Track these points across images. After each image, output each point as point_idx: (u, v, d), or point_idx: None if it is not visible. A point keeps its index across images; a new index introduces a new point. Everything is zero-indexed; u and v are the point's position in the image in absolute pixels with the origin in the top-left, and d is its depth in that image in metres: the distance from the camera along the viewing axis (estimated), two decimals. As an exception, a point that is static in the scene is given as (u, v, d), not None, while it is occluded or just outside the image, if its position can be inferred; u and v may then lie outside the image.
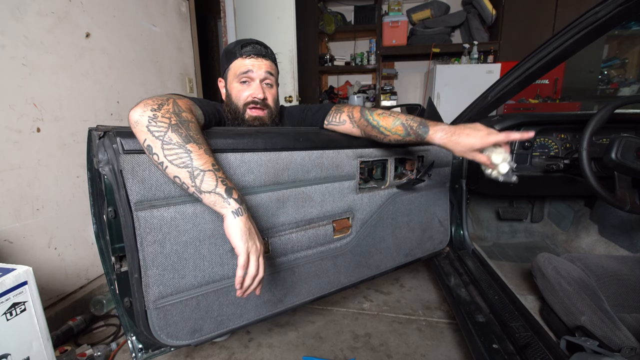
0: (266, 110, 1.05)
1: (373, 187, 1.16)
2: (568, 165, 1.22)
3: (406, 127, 0.90)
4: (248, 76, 1.02)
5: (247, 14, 2.64)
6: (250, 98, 1.02)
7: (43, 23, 1.32)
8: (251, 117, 1.03)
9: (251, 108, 1.03)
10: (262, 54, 1.03)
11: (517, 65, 1.03)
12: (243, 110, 1.03)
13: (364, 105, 1.03)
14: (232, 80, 1.04)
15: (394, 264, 1.28)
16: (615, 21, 0.75)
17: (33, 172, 1.31)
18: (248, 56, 1.01)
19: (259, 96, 1.02)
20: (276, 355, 1.24)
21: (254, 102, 1.02)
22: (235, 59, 1.03)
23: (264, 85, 1.03)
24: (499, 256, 1.60)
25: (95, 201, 0.88)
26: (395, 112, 0.94)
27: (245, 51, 1.01)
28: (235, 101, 1.04)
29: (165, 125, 0.67)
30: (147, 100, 0.70)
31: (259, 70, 1.01)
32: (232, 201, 0.67)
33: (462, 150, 0.83)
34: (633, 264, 1.05)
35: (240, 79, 1.03)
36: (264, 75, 1.03)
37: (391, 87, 3.81)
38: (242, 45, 1.02)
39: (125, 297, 0.80)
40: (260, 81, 1.02)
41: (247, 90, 1.03)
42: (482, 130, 0.81)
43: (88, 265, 1.56)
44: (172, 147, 0.66)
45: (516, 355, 0.90)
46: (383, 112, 0.95)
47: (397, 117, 0.92)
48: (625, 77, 3.15)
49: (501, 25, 3.18)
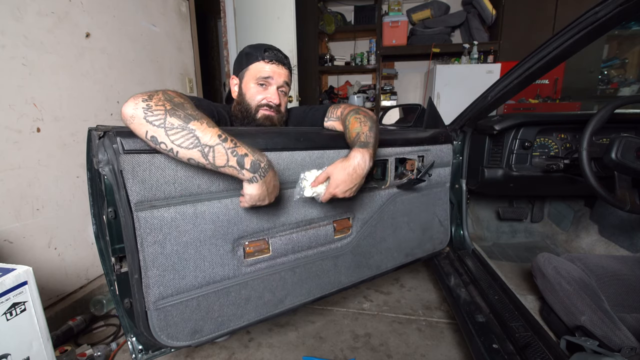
0: (278, 114, 1.10)
1: (373, 187, 1.16)
2: (568, 165, 1.22)
3: (356, 136, 0.92)
4: (267, 81, 1.06)
5: (247, 14, 2.63)
6: (266, 101, 1.06)
7: (43, 23, 1.32)
8: (263, 116, 1.07)
9: (264, 109, 1.07)
10: (283, 62, 1.08)
11: (517, 65, 1.03)
12: (255, 110, 1.07)
13: (361, 106, 1.03)
14: (250, 80, 1.07)
15: (395, 264, 1.28)
16: (615, 21, 0.75)
17: (33, 172, 1.31)
18: (270, 61, 1.05)
19: (274, 101, 1.06)
20: (276, 355, 1.24)
21: (268, 105, 1.07)
22: (256, 61, 1.06)
23: (279, 92, 1.08)
24: (499, 256, 1.60)
25: (95, 201, 0.88)
26: (368, 120, 0.94)
27: (267, 56, 1.05)
28: (249, 101, 1.07)
29: (162, 112, 0.65)
30: (136, 95, 0.68)
31: (278, 78, 1.06)
32: (245, 172, 0.70)
33: (334, 173, 0.87)
34: (633, 264, 1.05)
35: (258, 82, 1.06)
36: (281, 83, 1.07)
37: (391, 87, 3.81)
38: (264, 50, 1.06)
39: (126, 297, 0.80)
40: (277, 87, 1.07)
41: (263, 94, 1.07)
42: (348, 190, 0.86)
43: (88, 265, 1.56)
44: (176, 131, 0.64)
45: (516, 355, 0.90)
46: (358, 117, 0.95)
47: (362, 125, 0.93)
48: (625, 77, 3.15)
49: (501, 25, 3.19)
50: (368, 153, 0.85)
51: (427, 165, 1.23)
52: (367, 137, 0.89)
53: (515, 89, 1.10)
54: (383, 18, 3.45)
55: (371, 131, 0.91)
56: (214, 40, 3.59)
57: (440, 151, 1.32)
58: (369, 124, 0.93)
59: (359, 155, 0.84)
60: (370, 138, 0.89)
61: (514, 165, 1.33)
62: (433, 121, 1.41)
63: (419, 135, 1.27)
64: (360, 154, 0.84)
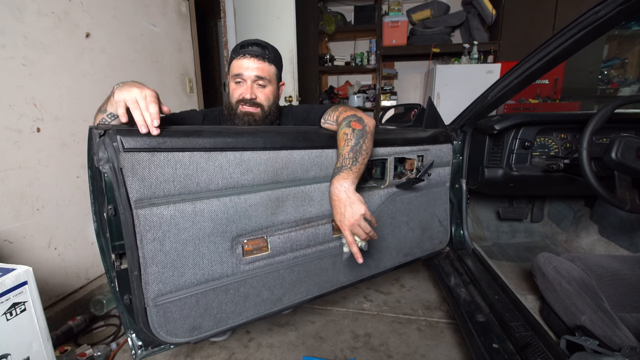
0: (258, 108, 1.10)
1: (372, 186, 1.16)
2: (568, 165, 1.22)
3: (338, 160, 0.92)
4: (241, 77, 1.08)
5: (247, 14, 2.64)
6: (241, 97, 1.08)
7: (43, 23, 1.33)
8: (242, 112, 1.09)
9: (242, 105, 1.09)
10: (257, 54, 1.07)
11: (517, 65, 1.03)
12: (235, 107, 1.10)
13: (358, 109, 1.03)
14: (230, 79, 1.11)
15: (394, 263, 1.28)
16: (615, 21, 0.75)
17: (33, 172, 1.31)
18: (243, 56, 1.07)
19: (246, 96, 1.07)
20: (276, 355, 1.24)
21: (243, 101, 1.08)
22: (233, 60, 1.09)
23: (255, 86, 1.08)
24: (499, 256, 1.60)
25: (96, 199, 0.88)
26: (354, 136, 0.93)
27: (242, 51, 1.07)
28: (230, 99, 1.12)
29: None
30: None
31: (250, 72, 1.07)
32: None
33: (335, 217, 0.89)
34: (633, 264, 1.05)
35: (235, 79, 1.09)
36: (254, 77, 1.07)
37: (391, 87, 3.81)
38: (240, 46, 1.08)
39: (125, 294, 0.80)
40: (251, 82, 1.07)
41: (239, 90, 1.09)
42: (352, 219, 0.85)
43: (88, 266, 1.56)
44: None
45: (516, 355, 0.90)
46: (346, 132, 0.94)
47: (345, 144, 0.92)
48: (625, 77, 3.15)
49: (501, 25, 3.19)
50: (342, 177, 0.87)
51: (427, 165, 1.22)
52: (345, 159, 0.90)
53: (515, 89, 1.10)
54: (383, 18, 3.46)
55: (352, 151, 0.90)
56: (214, 40, 3.59)
57: (440, 151, 1.32)
58: (352, 141, 0.91)
59: (336, 184, 0.88)
60: (347, 160, 0.90)
61: (514, 165, 1.33)
62: (433, 121, 1.41)
63: (418, 135, 1.27)
64: (337, 183, 0.87)
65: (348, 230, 0.85)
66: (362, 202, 0.86)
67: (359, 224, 0.84)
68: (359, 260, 0.86)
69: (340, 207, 0.86)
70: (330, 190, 0.89)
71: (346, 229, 0.86)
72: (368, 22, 3.61)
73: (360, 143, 0.92)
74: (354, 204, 0.85)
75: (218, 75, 3.69)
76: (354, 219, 0.84)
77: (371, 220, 0.86)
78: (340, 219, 0.87)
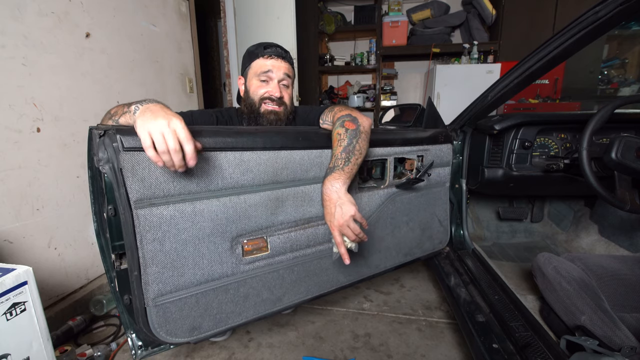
0: (282, 107, 1.12)
1: (372, 186, 1.16)
2: (568, 165, 1.22)
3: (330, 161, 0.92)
4: (268, 75, 1.10)
5: (247, 14, 2.64)
6: (268, 94, 1.10)
7: (43, 23, 1.33)
8: (267, 110, 1.10)
9: (267, 103, 1.10)
10: (282, 56, 1.11)
11: (517, 65, 1.03)
12: (259, 105, 1.11)
13: (354, 109, 1.03)
14: (252, 77, 1.12)
15: (394, 263, 1.28)
16: (615, 21, 0.75)
17: (33, 172, 1.31)
18: (269, 57, 1.09)
19: (275, 94, 1.10)
20: (276, 355, 1.24)
21: (270, 99, 1.10)
22: (257, 59, 1.11)
23: (281, 86, 1.11)
24: (499, 256, 1.59)
25: (96, 199, 0.88)
26: (347, 136, 0.92)
27: (267, 52, 1.10)
28: (253, 96, 1.12)
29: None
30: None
31: (278, 71, 1.10)
32: (131, 107, 0.73)
33: (325, 217, 0.89)
34: (633, 264, 1.05)
35: (260, 78, 1.10)
36: (282, 76, 1.11)
37: (391, 87, 3.81)
38: (264, 47, 1.11)
39: (125, 294, 0.80)
40: (278, 81, 1.10)
41: (265, 88, 1.10)
42: (341, 219, 0.84)
43: (88, 266, 1.56)
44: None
45: (516, 355, 0.90)
46: (339, 132, 0.94)
47: (338, 144, 0.92)
48: (625, 77, 3.15)
49: (501, 25, 3.19)
50: (334, 177, 0.87)
51: (427, 165, 1.22)
52: (337, 159, 0.90)
53: (515, 89, 1.10)
54: (383, 18, 3.46)
55: (344, 151, 0.90)
56: (214, 40, 3.59)
57: (440, 151, 1.32)
58: (345, 142, 0.91)
59: (327, 184, 0.88)
60: (339, 161, 0.89)
61: (514, 165, 1.33)
62: (433, 121, 1.41)
63: (418, 135, 1.27)
64: (329, 183, 0.87)
65: (337, 230, 0.86)
66: (352, 203, 0.86)
67: (349, 225, 0.85)
68: (345, 262, 0.86)
69: (331, 207, 0.86)
70: (322, 190, 0.89)
71: (335, 229, 0.86)
72: (368, 22, 3.61)
73: (354, 143, 0.91)
74: (344, 204, 0.85)
75: (218, 75, 3.69)
76: (343, 220, 0.84)
77: (361, 222, 0.86)
78: (330, 219, 0.87)
